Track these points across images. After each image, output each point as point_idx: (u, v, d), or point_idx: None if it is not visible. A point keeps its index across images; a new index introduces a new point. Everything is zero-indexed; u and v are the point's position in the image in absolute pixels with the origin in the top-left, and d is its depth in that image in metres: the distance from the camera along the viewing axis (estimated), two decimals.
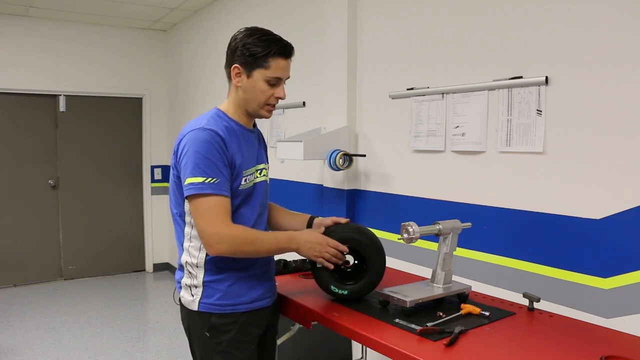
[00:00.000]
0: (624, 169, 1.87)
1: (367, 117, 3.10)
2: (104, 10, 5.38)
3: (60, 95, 5.87)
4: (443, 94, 2.58)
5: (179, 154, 1.69)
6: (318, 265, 1.87)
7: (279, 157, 3.28)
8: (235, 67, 1.72)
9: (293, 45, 1.76)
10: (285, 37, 1.77)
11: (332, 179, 3.26)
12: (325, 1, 3.30)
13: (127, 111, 6.30)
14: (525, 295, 1.91)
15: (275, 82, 1.73)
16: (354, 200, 3.17)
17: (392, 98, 2.90)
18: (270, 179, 1.97)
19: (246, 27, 1.75)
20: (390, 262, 2.85)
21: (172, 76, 6.25)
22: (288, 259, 2.65)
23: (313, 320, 1.89)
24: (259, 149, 1.88)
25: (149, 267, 6.48)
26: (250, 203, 1.78)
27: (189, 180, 1.63)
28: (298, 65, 3.72)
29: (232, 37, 1.76)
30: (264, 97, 1.74)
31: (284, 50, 1.71)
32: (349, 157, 3.05)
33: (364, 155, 3.07)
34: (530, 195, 2.19)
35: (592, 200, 1.97)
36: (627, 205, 1.86)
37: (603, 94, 1.93)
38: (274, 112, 1.84)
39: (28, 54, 5.59)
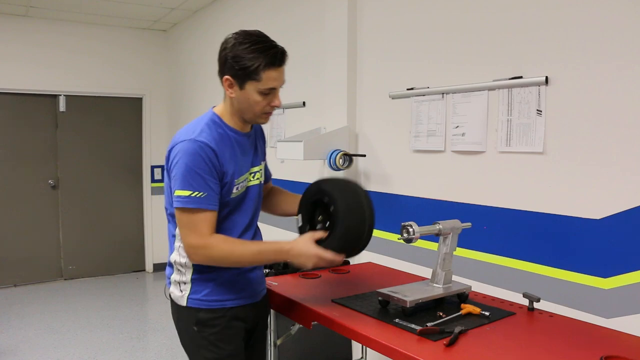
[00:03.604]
0: (623, 169, 1.87)
1: (367, 117, 3.10)
2: (104, 10, 5.38)
3: (60, 95, 5.87)
4: (443, 94, 2.57)
5: (170, 162, 1.70)
6: (299, 225, 1.89)
7: (279, 157, 3.28)
8: (227, 78, 1.68)
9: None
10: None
11: None
12: (325, 1, 3.30)
13: (127, 111, 6.30)
14: (525, 295, 1.91)
15: (270, 92, 1.69)
16: None
17: (392, 98, 2.90)
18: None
19: (235, 34, 1.68)
20: (391, 262, 2.86)
21: (172, 76, 6.25)
22: None
23: (313, 320, 1.90)
24: (254, 152, 1.87)
25: (149, 267, 6.47)
26: (242, 209, 1.80)
27: (177, 192, 1.65)
28: (298, 66, 3.73)
29: (221, 45, 1.70)
30: (259, 108, 1.71)
31: (275, 60, 1.65)
32: (349, 157, 3.05)
33: (364, 155, 3.07)
34: (530, 195, 2.19)
35: (592, 200, 1.97)
36: (627, 205, 1.86)
37: (603, 94, 1.93)
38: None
39: (28, 54, 5.59)
